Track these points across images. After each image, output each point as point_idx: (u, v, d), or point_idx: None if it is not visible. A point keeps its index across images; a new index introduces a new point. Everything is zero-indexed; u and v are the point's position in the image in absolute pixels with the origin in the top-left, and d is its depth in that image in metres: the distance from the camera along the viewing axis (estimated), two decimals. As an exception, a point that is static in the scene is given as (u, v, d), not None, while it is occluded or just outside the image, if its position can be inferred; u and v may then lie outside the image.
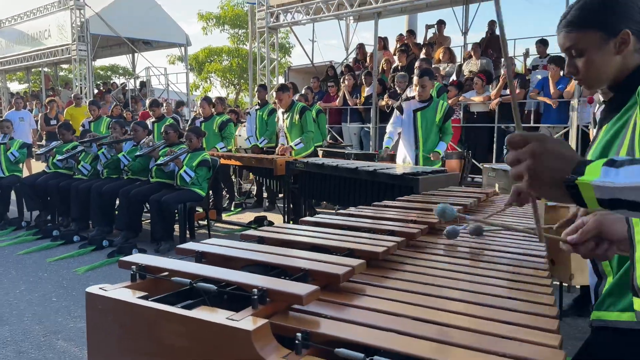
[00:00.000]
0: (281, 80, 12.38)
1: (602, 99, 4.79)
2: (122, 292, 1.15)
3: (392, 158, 7.01)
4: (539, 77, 8.13)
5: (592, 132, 5.73)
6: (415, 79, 5.20)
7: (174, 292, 1.18)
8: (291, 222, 5.75)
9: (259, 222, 6.85)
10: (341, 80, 10.12)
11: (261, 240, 1.66)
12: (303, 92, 8.54)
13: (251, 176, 9.51)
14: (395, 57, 10.24)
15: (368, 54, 11.18)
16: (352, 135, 9.79)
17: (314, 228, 1.78)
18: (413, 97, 5.27)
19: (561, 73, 7.55)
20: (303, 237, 1.60)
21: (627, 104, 1.42)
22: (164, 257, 1.34)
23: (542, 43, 9.01)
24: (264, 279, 1.16)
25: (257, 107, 8.04)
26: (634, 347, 1.32)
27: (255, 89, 8.71)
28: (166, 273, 1.25)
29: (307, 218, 1.90)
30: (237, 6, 22.88)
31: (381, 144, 9.23)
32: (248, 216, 7.49)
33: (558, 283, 3.35)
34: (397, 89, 8.85)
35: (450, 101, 7.87)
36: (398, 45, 10.63)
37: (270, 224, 6.95)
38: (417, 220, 1.77)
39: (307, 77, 12.16)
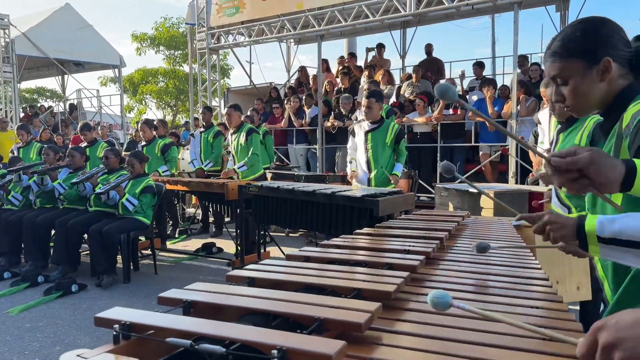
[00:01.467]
0: (221, 102, 12.16)
1: (544, 120, 5.02)
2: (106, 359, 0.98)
3: (342, 179, 7.01)
4: (475, 97, 8.46)
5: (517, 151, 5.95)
6: (363, 100, 5.22)
7: (171, 357, 1.02)
8: (265, 250, 5.56)
9: (208, 249, 6.59)
10: (285, 101, 10.07)
11: (252, 282, 1.51)
12: (249, 113, 8.41)
13: (194, 200, 9.19)
14: (338, 80, 10.34)
15: (311, 76, 11.22)
16: (299, 157, 9.72)
17: (306, 264, 1.66)
18: (363, 120, 5.28)
19: (495, 94, 7.89)
20: (299, 277, 1.47)
21: (612, 129, 1.47)
22: (150, 312, 1.16)
23: (479, 65, 9.41)
24: (279, 335, 0.99)
25: (202, 129, 7.81)
26: None
27: (200, 111, 8.48)
28: (154, 331, 1.08)
29: (295, 252, 1.77)
30: (172, 27, 22.45)
31: (328, 165, 9.27)
32: (194, 243, 7.20)
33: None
34: (342, 110, 8.92)
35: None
36: (340, 68, 10.75)
37: (220, 250, 6.70)
38: (411, 250, 1.69)
39: (247, 99, 12.02)
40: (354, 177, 5.26)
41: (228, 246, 6.75)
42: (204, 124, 7.79)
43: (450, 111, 8.08)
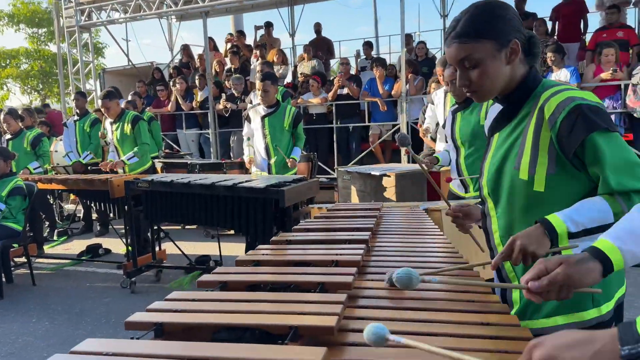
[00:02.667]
0: (96, 84, 11.07)
1: (439, 100, 5.11)
2: None
3: (240, 166, 6.69)
4: (367, 77, 8.53)
5: (422, 127, 6.10)
6: (257, 83, 4.94)
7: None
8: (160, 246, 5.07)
9: (93, 251, 5.97)
10: (171, 83, 9.40)
11: (224, 286, 1.37)
12: (130, 97, 7.71)
13: (73, 195, 8.33)
14: (227, 59, 9.87)
15: (196, 55, 10.60)
16: (190, 143, 9.18)
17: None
18: (259, 104, 5.00)
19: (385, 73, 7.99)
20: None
21: (518, 114, 1.46)
22: (123, 341, 1.00)
23: (368, 45, 9.48)
24: (266, 350, 0.92)
25: (77, 117, 7.01)
26: None
27: (73, 97, 7.60)
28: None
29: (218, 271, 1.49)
30: (32, 3, 20.08)
31: (223, 151, 8.85)
32: (77, 245, 6.50)
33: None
34: (233, 92, 8.52)
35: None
36: (228, 47, 10.26)
37: (107, 252, 6.10)
38: (339, 260, 1.51)
39: (126, 80, 11.10)
40: (251, 163, 5.01)
41: (117, 246, 6.16)
42: (78, 111, 7.00)
43: (345, 90, 8.05)
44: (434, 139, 5.48)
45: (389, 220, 2.33)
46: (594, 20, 8.66)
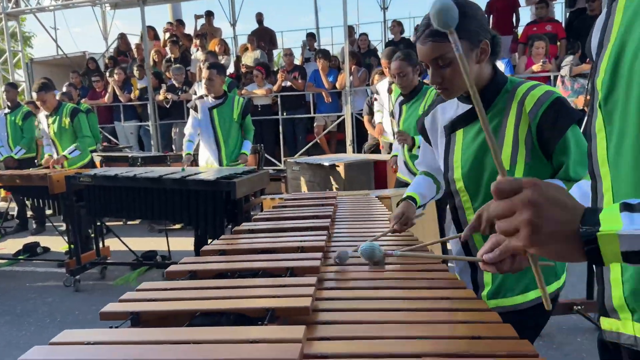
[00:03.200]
0: (25, 75, 10.46)
1: (383, 90, 5.24)
2: None
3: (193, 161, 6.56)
4: (311, 68, 8.57)
5: (366, 118, 6.23)
6: (204, 72, 4.87)
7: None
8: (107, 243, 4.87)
9: (31, 250, 5.69)
10: (108, 74, 9.05)
11: (193, 275, 1.37)
12: (65, 89, 7.36)
13: (4, 192, 7.88)
14: (166, 49, 9.61)
15: (133, 45, 10.24)
16: (129, 135, 8.90)
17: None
18: (206, 95, 4.93)
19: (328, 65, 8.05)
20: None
21: (489, 110, 1.53)
22: (102, 330, 1.00)
23: (311, 36, 9.52)
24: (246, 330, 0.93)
25: (7, 110, 6.63)
26: (535, 319, 1.56)
27: (3, 89, 7.16)
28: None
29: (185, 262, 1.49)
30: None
31: (165, 143, 8.63)
32: (12, 244, 6.17)
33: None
34: (174, 82, 8.32)
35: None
36: (167, 36, 9.99)
37: (46, 250, 5.84)
38: (304, 247, 1.56)
39: (58, 71, 10.56)
40: (189, 159, 4.89)
41: (56, 244, 5.90)
42: (9, 104, 6.61)
43: (291, 76, 8.06)
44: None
45: (344, 208, 2.40)
46: (525, 14, 9.11)
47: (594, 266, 0.93)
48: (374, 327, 1.08)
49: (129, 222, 7.06)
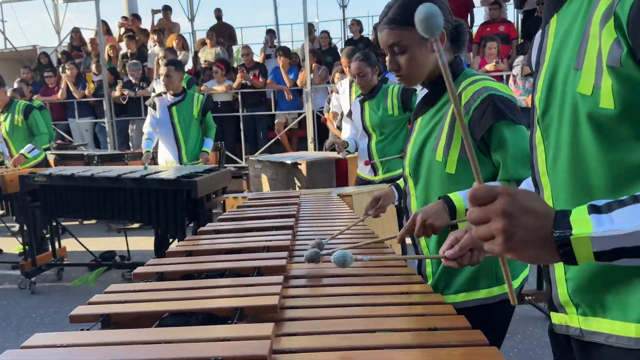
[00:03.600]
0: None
1: (343, 89, 5.31)
2: None
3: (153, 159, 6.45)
4: (271, 65, 8.56)
5: (329, 116, 6.29)
6: (162, 68, 4.81)
7: None
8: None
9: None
10: (61, 69, 8.76)
11: (161, 276, 1.38)
12: (16, 85, 7.10)
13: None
14: (122, 44, 9.39)
15: (88, 39, 9.96)
16: (84, 132, 8.66)
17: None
18: (165, 92, 4.88)
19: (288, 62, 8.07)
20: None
21: (439, 100, 1.57)
22: (74, 333, 1.01)
23: (272, 33, 9.50)
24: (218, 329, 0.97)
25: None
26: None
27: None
28: None
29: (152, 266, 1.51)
30: None
31: (121, 140, 8.45)
32: (-40, 247, 5.92)
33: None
34: (131, 78, 8.15)
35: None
36: (123, 31, 9.76)
37: (-1, 252, 5.64)
38: (270, 246, 1.60)
39: (5, 66, 10.13)
40: (148, 158, 4.83)
41: (8, 245, 5.71)
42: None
43: (251, 76, 8.03)
44: (339, 128, 5.69)
45: (308, 207, 2.45)
46: (480, 14, 9.40)
47: (541, 265, 1.01)
48: (338, 322, 1.13)
49: (85, 222, 6.90)
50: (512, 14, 9.55)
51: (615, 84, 0.77)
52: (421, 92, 1.70)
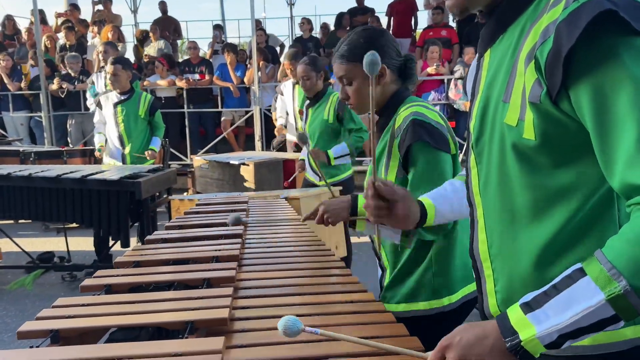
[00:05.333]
0: None
1: (287, 92, 5.35)
2: None
3: (83, 154, 6.25)
4: (217, 62, 8.45)
5: (275, 114, 6.31)
6: (108, 67, 4.69)
7: None
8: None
9: None
10: (-7, 60, 8.29)
11: (109, 289, 1.40)
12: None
13: None
14: (60, 35, 9.00)
15: (23, 29, 9.47)
16: (19, 127, 8.25)
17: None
18: (110, 90, 4.76)
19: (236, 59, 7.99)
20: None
21: (387, 127, 1.70)
22: (23, 351, 1.03)
23: (219, 28, 9.38)
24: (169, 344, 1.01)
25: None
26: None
27: None
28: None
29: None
30: None
31: (59, 135, 8.11)
32: None
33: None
34: (70, 71, 7.84)
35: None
36: (61, 21, 9.35)
37: None
38: (219, 256, 1.63)
39: None
40: (99, 149, 4.74)
41: None
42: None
43: (197, 76, 7.92)
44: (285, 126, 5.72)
45: (256, 212, 2.49)
46: (423, 18, 9.66)
47: (474, 277, 1.11)
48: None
49: (20, 220, 6.59)
50: (453, 18, 9.89)
51: (536, 118, 0.86)
52: None
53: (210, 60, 8.63)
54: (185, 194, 5.76)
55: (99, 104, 4.61)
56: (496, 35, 0.98)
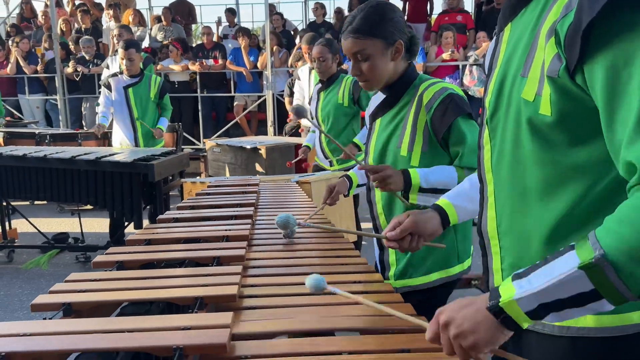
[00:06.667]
0: None
1: (304, 76, 5.33)
2: None
3: (97, 137, 6.30)
4: (230, 46, 8.44)
5: (287, 99, 6.32)
6: (120, 51, 4.70)
7: None
8: None
9: None
10: (10, 42, 8.37)
11: (121, 265, 1.44)
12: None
13: None
14: (75, 18, 9.03)
15: (39, 12, 9.53)
16: (35, 110, 8.33)
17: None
18: (121, 72, 4.77)
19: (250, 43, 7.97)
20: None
21: (399, 102, 1.72)
22: (36, 322, 1.05)
23: (231, 12, 9.34)
24: (177, 318, 1.04)
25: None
26: (438, 298, 1.72)
27: None
28: None
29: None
30: None
31: (74, 118, 8.19)
32: None
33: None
34: (85, 55, 7.89)
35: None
36: (76, 4, 9.39)
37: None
38: (229, 235, 1.65)
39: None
40: (100, 131, 4.75)
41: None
42: None
43: (211, 61, 7.92)
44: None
45: (267, 195, 2.50)
46: (439, 3, 9.53)
47: (481, 254, 1.12)
48: (293, 310, 1.21)
49: (36, 202, 6.69)
50: (470, 3, 9.76)
51: (553, 93, 0.85)
52: (375, 96, 1.81)
53: (222, 42, 8.60)
54: (197, 177, 5.80)
55: (107, 85, 4.63)
56: (518, 8, 0.97)
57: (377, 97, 1.81)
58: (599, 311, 0.79)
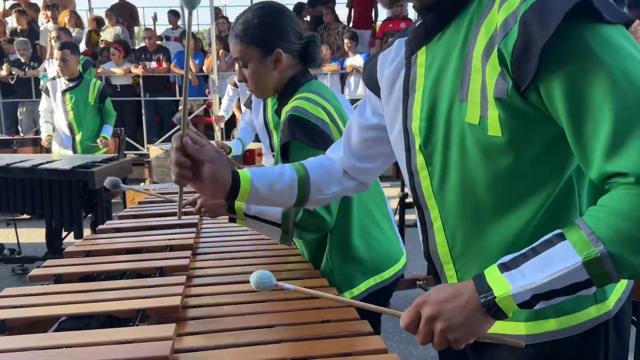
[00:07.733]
0: None
1: (236, 81, 5.28)
2: None
3: (34, 143, 6.03)
4: (173, 48, 8.27)
5: (235, 103, 6.24)
6: (56, 52, 4.53)
7: None
8: None
9: None
10: None
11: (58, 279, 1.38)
12: None
13: None
14: (9, 19, 8.61)
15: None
16: (-35, 114, 7.87)
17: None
18: (58, 76, 4.60)
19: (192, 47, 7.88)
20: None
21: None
22: None
23: (174, 14, 9.16)
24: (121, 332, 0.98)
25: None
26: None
27: None
28: None
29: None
30: None
31: (9, 123, 7.78)
32: None
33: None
34: (20, 57, 7.53)
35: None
36: (10, 5, 8.94)
37: None
38: (173, 245, 1.62)
39: None
40: (48, 140, 4.60)
41: None
42: None
43: (154, 64, 7.74)
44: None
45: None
46: (383, 10, 9.71)
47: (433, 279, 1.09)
48: (239, 319, 1.21)
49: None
50: (413, 11, 10.02)
51: (502, 114, 0.85)
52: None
53: (165, 46, 8.44)
54: (142, 184, 5.65)
55: (46, 90, 4.46)
56: (434, 32, 0.95)
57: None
58: (582, 295, 0.82)
